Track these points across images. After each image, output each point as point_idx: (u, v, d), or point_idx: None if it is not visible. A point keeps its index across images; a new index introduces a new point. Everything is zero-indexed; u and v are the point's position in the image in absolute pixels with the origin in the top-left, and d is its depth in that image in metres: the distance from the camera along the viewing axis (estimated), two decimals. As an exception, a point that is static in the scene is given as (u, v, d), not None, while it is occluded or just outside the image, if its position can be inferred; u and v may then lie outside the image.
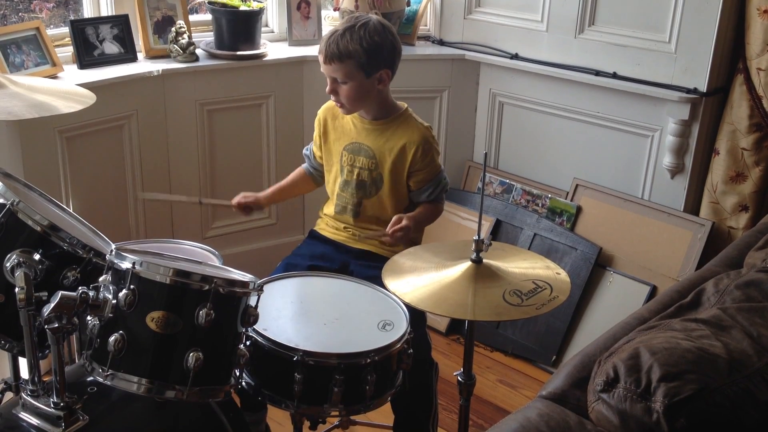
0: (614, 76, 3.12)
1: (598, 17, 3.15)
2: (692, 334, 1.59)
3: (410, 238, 2.33)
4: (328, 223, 2.51)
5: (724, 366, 1.48)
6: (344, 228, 2.46)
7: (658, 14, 2.97)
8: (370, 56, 2.25)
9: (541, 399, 1.66)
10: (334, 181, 2.47)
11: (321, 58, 2.30)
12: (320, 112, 2.50)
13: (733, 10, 2.83)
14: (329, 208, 2.50)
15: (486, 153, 2.08)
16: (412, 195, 2.43)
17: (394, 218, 2.28)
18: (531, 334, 3.19)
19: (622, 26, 3.09)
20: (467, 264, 1.87)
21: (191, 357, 1.66)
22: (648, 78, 3.03)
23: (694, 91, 2.92)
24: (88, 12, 3.13)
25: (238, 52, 3.23)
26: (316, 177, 2.60)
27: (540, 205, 3.40)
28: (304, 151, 2.61)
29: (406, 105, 2.43)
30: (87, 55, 3.01)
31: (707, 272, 2.15)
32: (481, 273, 1.85)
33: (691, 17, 2.87)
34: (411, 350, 1.98)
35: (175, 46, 3.14)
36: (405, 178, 2.39)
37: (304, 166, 2.61)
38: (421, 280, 1.86)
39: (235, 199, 2.59)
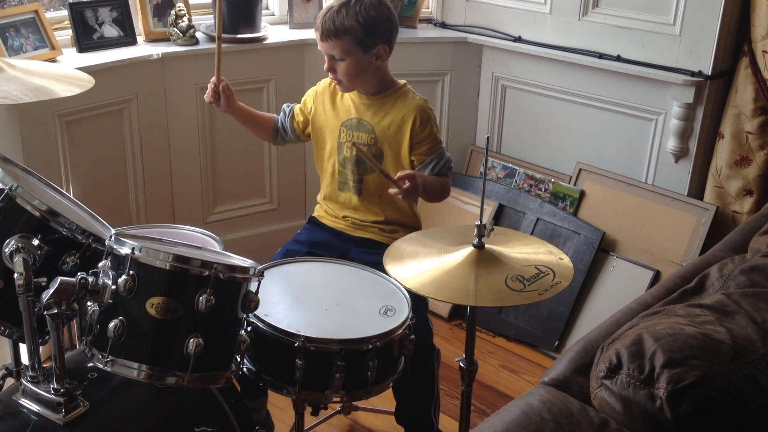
0: (618, 59, 3.09)
1: (602, -1, 3.13)
2: (696, 319, 1.57)
3: (417, 194, 2.23)
4: (327, 211, 2.49)
5: (728, 352, 1.46)
6: (343, 217, 2.44)
7: (663, -4, 2.94)
8: (366, 31, 2.23)
9: (544, 385, 1.64)
10: (327, 159, 2.44)
11: (317, 35, 2.29)
12: (318, 91, 2.47)
13: (738, -8, 2.81)
14: (324, 190, 2.48)
15: (488, 137, 2.07)
16: (417, 171, 2.40)
17: (399, 173, 2.19)
18: (533, 319, 3.19)
19: (626, 8, 3.06)
20: (469, 249, 1.86)
21: (191, 343, 1.65)
22: (652, 61, 3.01)
23: (699, 74, 2.89)
24: (87, -5, 3.10)
25: (239, 36, 3.21)
26: (279, 133, 2.55)
27: (543, 189, 3.38)
28: (284, 106, 2.56)
29: (404, 81, 2.40)
30: (86, 39, 2.99)
31: (711, 257, 2.13)
32: (484, 258, 1.84)
33: (696, -1, 2.85)
34: (413, 336, 1.97)
35: (175, 29, 3.11)
36: (407, 151, 2.34)
37: (278, 117, 2.57)
38: (422, 266, 1.85)
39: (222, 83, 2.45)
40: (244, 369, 1.90)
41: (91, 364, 1.75)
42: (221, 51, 2.40)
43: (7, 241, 1.75)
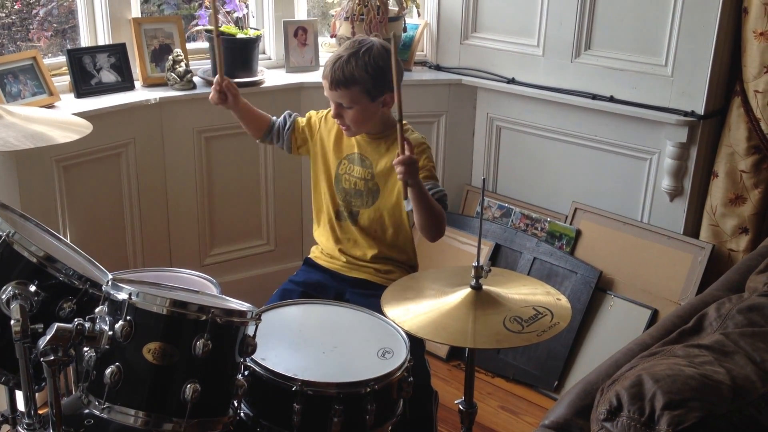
0: (611, 99, 3.12)
1: (594, 41, 3.16)
2: (695, 360, 1.57)
3: (416, 173, 2.13)
4: (323, 251, 2.50)
5: (728, 393, 1.46)
6: (339, 251, 2.44)
7: (654, 38, 2.98)
8: (375, 81, 2.26)
9: (544, 428, 1.64)
10: (326, 187, 2.45)
11: (326, 84, 2.30)
12: (315, 120, 2.48)
13: (728, 32, 2.84)
14: (320, 220, 2.49)
15: (484, 178, 2.07)
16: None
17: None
18: (532, 359, 3.17)
19: (618, 50, 3.10)
20: (467, 290, 1.86)
21: (189, 388, 1.64)
22: (645, 101, 3.03)
23: (692, 114, 2.92)
24: (85, 41, 3.13)
25: (236, 80, 3.22)
26: (272, 136, 2.52)
27: (539, 228, 3.39)
28: (286, 113, 2.54)
29: (405, 121, 2.42)
30: (84, 84, 3.01)
31: (709, 296, 2.14)
32: (481, 300, 1.84)
33: (687, 40, 2.88)
34: (411, 378, 1.96)
35: (173, 74, 3.14)
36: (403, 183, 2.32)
37: (274, 119, 2.54)
38: (420, 307, 1.85)
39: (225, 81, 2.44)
40: (242, 414, 1.88)
41: (87, 411, 1.73)
42: (221, 50, 2.41)
43: (4, 287, 1.75)
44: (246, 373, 1.83)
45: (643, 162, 3.12)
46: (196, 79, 3.22)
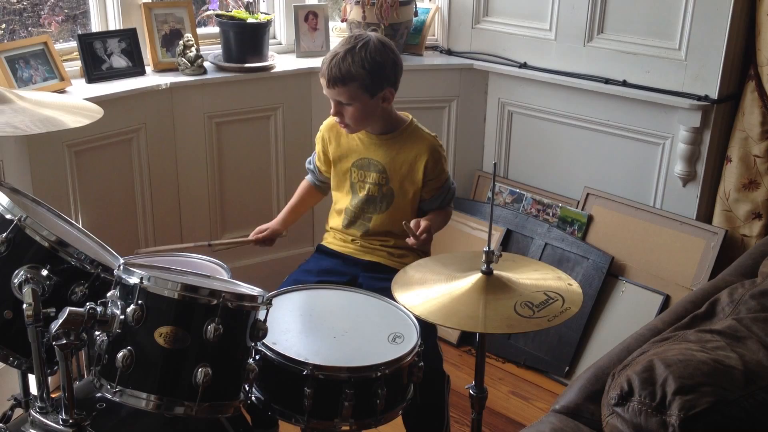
0: (624, 84, 3.10)
1: (607, 25, 3.14)
2: (707, 345, 1.56)
3: (429, 239, 2.27)
4: (335, 236, 2.50)
5: (740, 378, 1.45)
6: (352, 240, 2.45)
7: (668, 21, 2.95)
8: (373, 77, 2.24)
9: (555, 413, 1.63)
10: (345, 197, 2.46)
11: (323, 82, 2.29)
12: (323, 131, 2.50)
13: (743, 15, 2.81)
14: (335, 221, 2.49)
15: (495, 163, 2.07)
16: (423, 204, 2.42)
17: (413, 223, 2.22)
18: (543, 344, 3.17)
19: (631, 34, 3.07)
20: (478, 275, 1.85)
21: (200, 372, 1.65)
22: (658, 85, 3.01)
23: (705, 98, 2.90)
24: (96, 26, 3.14)
25: (246, 65, 3.23)
26: (323, 188, 2.61)
27: (551, 214, 3.37)
28: (307, 164, 2.61)
29: (410, 116, 2.41)
30: (95, 69, 3.01)
31: (721, 282, 2.13)
32: (492, 285, 1.83)
33: (701, 24, 2.86)
34: (422, 363, 1.96)
35: (183, 59, 3.14)
36: (419, 190, 2.37)
37: (309, 179, 2.61)
38: (431, 292, 1.84)
39: (252, 236, 2.59)
40: (253, 398, 1.89)
41: (99, 395, 1.74)
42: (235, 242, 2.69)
43: (16, 271, 1.76)
44: (257, 357, 1.84)
45: (656, 147, 3.10)
46: (206, 64, 3.22)
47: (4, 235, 1.77)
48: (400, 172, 2.36)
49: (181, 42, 3.15)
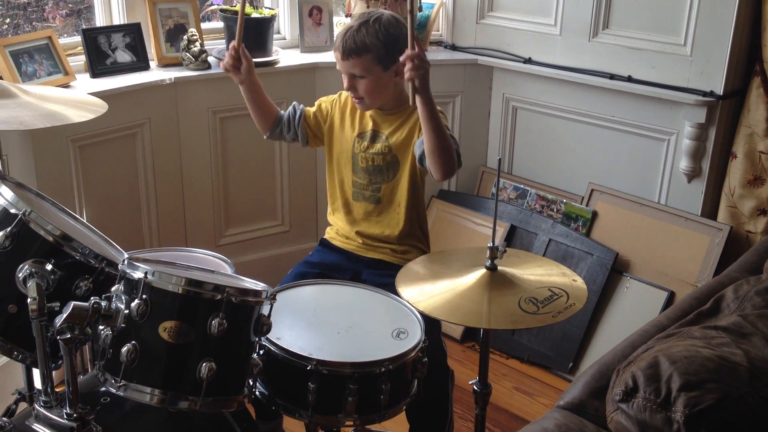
0: (629, 79, 3.09)
1: (612, 20, 3.13)
2: (712, 341, 1.56)
3: (427, 74, 2.13)
4: (338, 231, 2.50)
5: (746, 374, 1.45)
6: (356, 233, 2.44)
7: (673, 17, 2.94)
8: (387, 49, 2.25)
9: (559, 409, 1.63)
10: (343, 168, 2.44)
11: (338, 55, 2.30)
12: (341, 101, 2.46)
13: (748, 11, 2.80)
14: (337, 202, 2.48)
15: (500, 158, 2.06)
16: (419, 142, 2.29)
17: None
18: (547, 340, 3.17)
19: (636, 29, 3.06)
20: (482, 271, 1.85)
21: (204, 367, 1.65)
22: (663, 81, 3.00)
23: (711, 94, 2.89)
24: (100, 21, 3.14)
25: (251, 59, 3.22)
26: (281, 128, 2.50)
27: (555, 210, 3.37)
28: (294, 103, 2.51)
29: None
30: (99, 64, 3.01)
31: (726, 278, 2.12)
32: (496, 280, 1.83)
33: (707, 19, 2.84)
34: (426, 358, 1.96)
35: (188, 54, 3.14)
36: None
37: (282, 111, 2.51)
38: (435, 288, 1.84)
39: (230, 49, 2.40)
40: (257, 393, 1.89)
41: (103, 389, 1.74)
42: (243, 16, 2.35)
43: (21, 266, 1.76)
44: (261, 352, 1.84)
45: (661, 143, 3.10)
46: (210, 59, 3.21)
47: (9, 229, 1.77)
48: (403, 140, 2.36)
49: (185, 37, 3.14)
